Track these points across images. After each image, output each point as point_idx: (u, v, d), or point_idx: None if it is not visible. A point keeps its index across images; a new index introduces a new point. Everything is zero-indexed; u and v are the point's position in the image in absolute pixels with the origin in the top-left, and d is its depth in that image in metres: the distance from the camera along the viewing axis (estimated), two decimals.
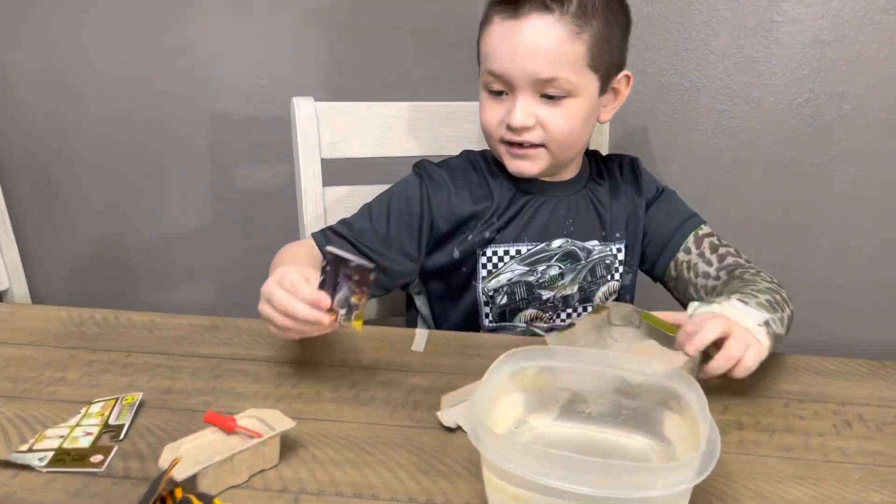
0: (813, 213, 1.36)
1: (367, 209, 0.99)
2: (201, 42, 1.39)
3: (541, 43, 0.86)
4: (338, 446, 0.68)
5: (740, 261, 0.95)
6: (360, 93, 1.38)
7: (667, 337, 0.77)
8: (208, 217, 1.50)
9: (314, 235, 0.96)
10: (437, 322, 1.03)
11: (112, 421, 0.70)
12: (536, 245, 0.97)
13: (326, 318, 0.71)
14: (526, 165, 0.93)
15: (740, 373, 0.73)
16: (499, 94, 0.92)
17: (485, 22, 0.92)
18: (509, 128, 0.90)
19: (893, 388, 0.81)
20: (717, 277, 0.94)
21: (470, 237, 0.96)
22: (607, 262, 0.99)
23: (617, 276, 1.01)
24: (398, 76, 1.37)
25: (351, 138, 1.11)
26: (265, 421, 0.65)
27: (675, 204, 1.03)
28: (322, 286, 0.72)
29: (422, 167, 1.01)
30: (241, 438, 0.64)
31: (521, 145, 0.92)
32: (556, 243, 0.97)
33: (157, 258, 1.55)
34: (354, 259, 0.71)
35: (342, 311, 0.72)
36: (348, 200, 1.12)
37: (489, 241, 0.96)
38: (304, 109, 1.08)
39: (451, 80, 1.33)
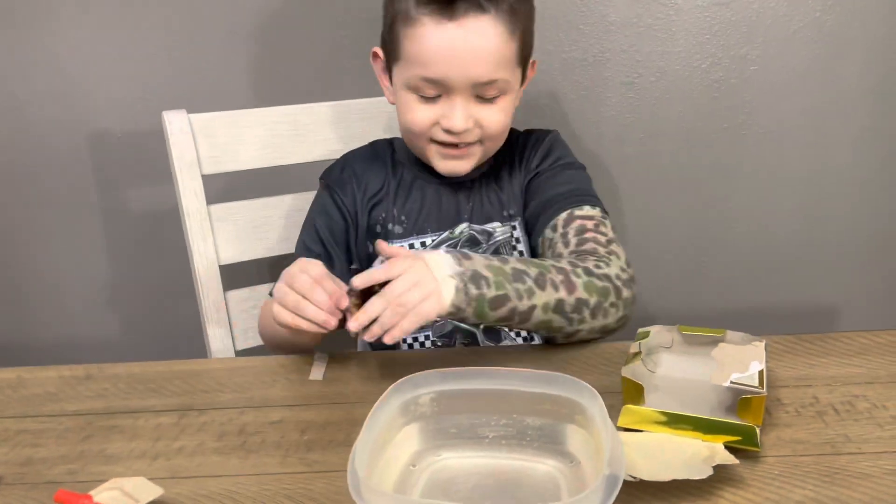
0: (726, 180, 1.34)
1: (302, 242, 0.95)
2: (70, 57, 1.28)
3: (482, 46, 0.83)
4: None
5: (599, 250, 0.85)
6: (249, 99, 1.29)
7: (712, 340, 0.73)
8: (100, 243, 1.39)
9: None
10: None
11: None
12: (440, 234, 0.94)
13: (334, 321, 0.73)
14: (460, 165, 0.91)
15: (395, 316, 0.70)
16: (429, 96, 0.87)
17: (407, 22, 0.84)
18: (447, 131, 0.87)
19: (811, 364, 0.78)
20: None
21: (380, 231, 0.95)
22: (511, 242, 0.96)
23: (516, 255, 0.96)
24: (284, 79, 1.28)
25: (235, 150, 1.04)
26: (128, 493, 0.58)
27: (562, 179, 0.95)
28: None
29: (326, 174, 0.99)
30: None
31: (456, 146, 0.89)
32: (459, 229, 0.95)
33: (52, 292, 1.43)
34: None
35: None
36: (238, 216, 1.04)
37: (397, 236, 0.94)
38: (177, 124, 0.99)
39: (340, 80, 1.25)
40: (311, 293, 0.73)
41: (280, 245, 1.06)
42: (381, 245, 0.78)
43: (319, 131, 1.08)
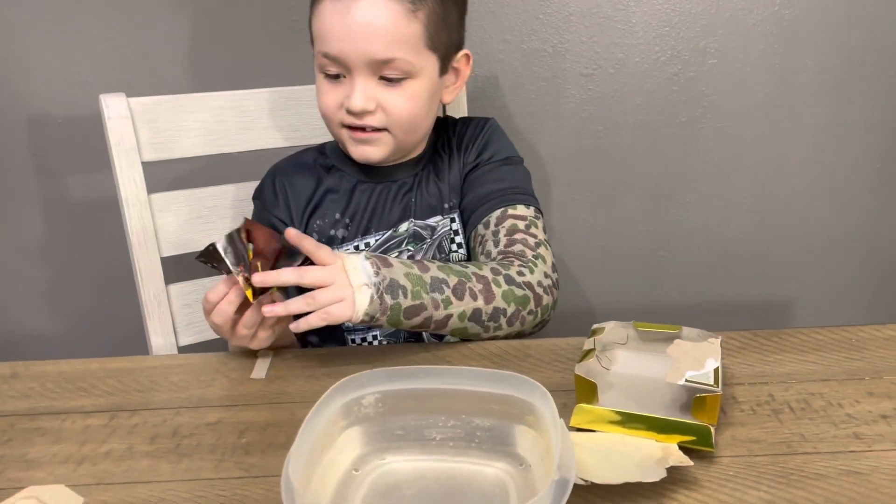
0: (684, 174, 1.33)
1: None
2: (6, 36, 1.21)
3: (376, 22, 0.81)
4: None
5: (527, 253, 0.85)
6: (193, 83, 1.24)
7: (668, 337, 0.71)
8: (39, 233, 1.32)
9: None
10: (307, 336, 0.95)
11: None
12: (384, 233, 0.92)
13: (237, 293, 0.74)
14: (370, 150, 0.88)
15: (304, 307, 0.73)
16: (336, 77, 0.86)
17: (314, 3, 0.86)
18: (349, 112, 0.85)
19: (766, 361, 0.77)
20: (493, 260, 0.87)
21: (320, 238, 0.91)
22: (451, 235, 0.94)
23: (457, 247, 0.94)
24: (231, 63, 1.23)
25: (177, 136, 0.99)
26: (45, 502, 0.54)
27: (498, 175, 0.93)
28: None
29: (258, 193, 0.97)
30: None
31: (363, 129, 0.87)
32: (403, 227, 0.92)
33: None
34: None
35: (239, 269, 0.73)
36: (182, 206, 0.99)
37: (341, 241, 0.92)
38: (115, 108, 0.94)
39: (289, 64, 1.20)
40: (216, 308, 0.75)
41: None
42: (291, 234, 0.76)
43: (267, 118, 1.03)
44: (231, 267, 0.73)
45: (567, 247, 1.37)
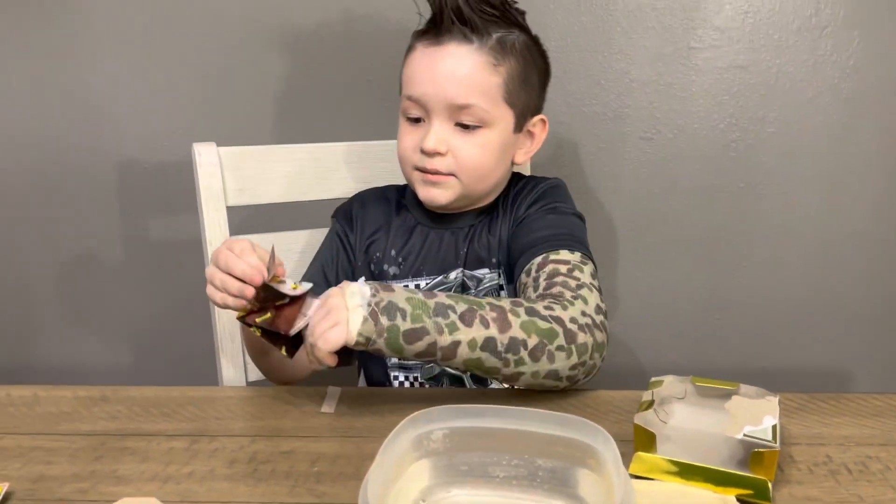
0: (741, 239, 1.35)
1: (309, 275, 0.98)
2: (103, 90, 1.32)
3: (458, 69, 0.88)
4: None
5: (565, 294, 0.80)
6: (270, 136, 1.32)
7: (725, 393, 0.72)
8: (119, 269, 1.41)
9: None
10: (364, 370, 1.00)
11: None
12: (435, 278, 0.95)
13: (251, 291, 0.74)
14: (437, 193, 0.92)
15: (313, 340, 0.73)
16: (416, 120, 0.92)
17: (408, 51, 0.94)
18: (423, 152, 0.90)
19: (824, 423, 0.78)
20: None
21: (374, 270, 0.97)
22: (497, 290, 0.96)
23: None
24: (308, 118, 1.32)
25: (259, 184, 1.06)
26: None
27: (544, 223, 0.92)
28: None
29: (337, 210, 1.03)
30: None
31: (434, 173, 0.91)
32: (453, 275, 0.95)
33: (66, 319, 1.45)
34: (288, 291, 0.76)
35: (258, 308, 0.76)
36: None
37: (392, 277, 0.96)
38: (206, 156, 1.02)
39: (364, 120, 1.29)
40: (235, 267, 0.74)
41: (294, 279, 1.07)
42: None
43: (340, 170, 1.10)
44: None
45: (622, 306, 1.39)
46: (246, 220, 1.12)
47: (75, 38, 1.29)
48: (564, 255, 0.86)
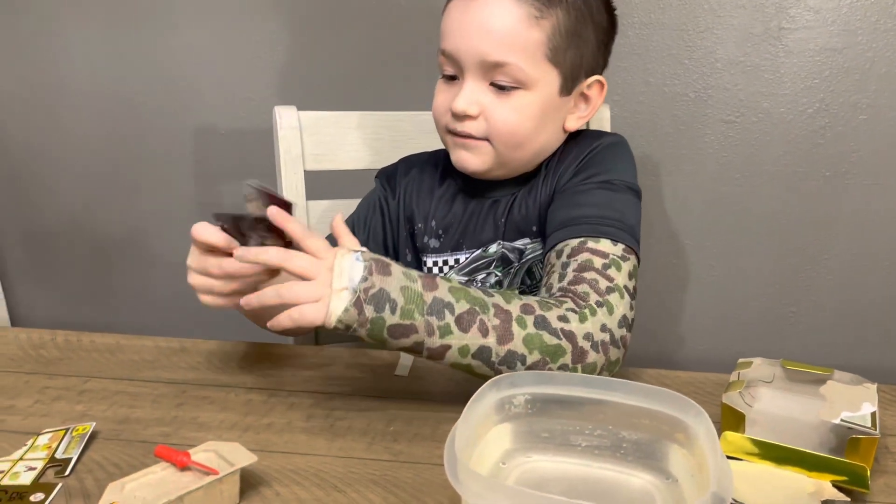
0: (824, 228, 1.30)
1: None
2: (182, 55, 1.34)
3: (492, 22, 0.77)
4: (307, 483, 0.61)
5: (591, 296, 0.70)
6: (345, 102, 1.32)
7: (818, 379, 0.70)
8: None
9: None
10: None
11: (59, 454, 0.64)
12: (474, 252, 0.87)
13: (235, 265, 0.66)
14: (468, 158, 0.82)
15: (283, 318, 0.63)
16: (452, 78, 0.82)
17: (445, 4, 0.83)
18: (453, 114, 0.81)
19: None
20: (551, 296, 0.74)
21: (416, 242, 0.91)
22: (539, 260, 0.85)
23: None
24: (385, 85, 1.31)
25: (336, 149, 1.06)
26: (223, 456, 0.59)
27: (590, 198, 0.80)
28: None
29: (381, 171, 0.97)
30: (195, 476, 0.57)
31: (465, 136, 0.82)
32: (492, 248, 0.86)
33: (141, 279, 1.49)
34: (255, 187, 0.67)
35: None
36: (333, 214, 1.06)
37: (432, 251, 0.90)
38: (287, 119, 1.02)
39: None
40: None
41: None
42: (273, 212, 0.65)
43: (417, 138, 1.09)
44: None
45: (688, 293, 1.35)
46: (321, 186, 1.12)
47: (156, 5, 1.32)
48: (605, 245, 0.74)
